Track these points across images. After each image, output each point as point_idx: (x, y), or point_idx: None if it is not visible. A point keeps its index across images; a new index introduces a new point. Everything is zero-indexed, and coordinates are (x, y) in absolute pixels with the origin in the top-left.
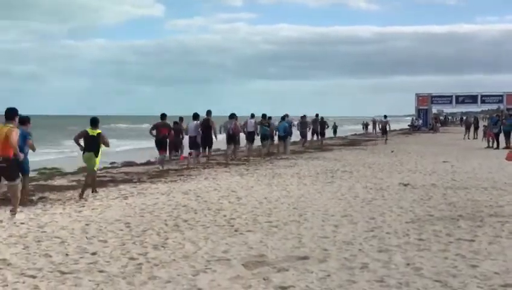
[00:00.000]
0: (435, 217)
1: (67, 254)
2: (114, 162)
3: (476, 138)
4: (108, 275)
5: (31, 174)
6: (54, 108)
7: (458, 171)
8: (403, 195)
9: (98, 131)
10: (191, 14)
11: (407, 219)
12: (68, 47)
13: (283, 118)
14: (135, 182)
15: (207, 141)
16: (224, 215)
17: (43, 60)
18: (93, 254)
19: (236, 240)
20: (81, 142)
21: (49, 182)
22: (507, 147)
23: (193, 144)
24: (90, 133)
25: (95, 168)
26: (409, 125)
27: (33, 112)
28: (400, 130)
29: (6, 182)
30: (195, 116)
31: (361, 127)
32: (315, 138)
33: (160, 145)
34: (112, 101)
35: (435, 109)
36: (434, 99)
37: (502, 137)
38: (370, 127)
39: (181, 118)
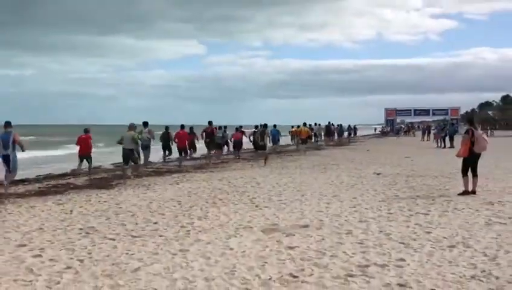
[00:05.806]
0: (400, 197)
1: (136, 223)
2: (169, 157)
3: (429, 140)
4: (166, 239)
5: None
6: (127, 119)
7: (416, 164)
8: (376, 181)
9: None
10: (223, 52)
11: (380, 198)
12: (136, 76)
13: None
14: (184, 172)
15: (329, 134)
16: (248, 196)
17: (119, 85)
18: (155, 223)
19: (256, 213)
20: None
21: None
22: (451, 147)
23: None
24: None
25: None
26: (379, 132)
27: (112, 123)
28: (373, 134)
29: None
30: (316, 124)
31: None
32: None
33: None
34: (168, 114)
35: (399, 119)
36: (398, 112)
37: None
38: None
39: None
